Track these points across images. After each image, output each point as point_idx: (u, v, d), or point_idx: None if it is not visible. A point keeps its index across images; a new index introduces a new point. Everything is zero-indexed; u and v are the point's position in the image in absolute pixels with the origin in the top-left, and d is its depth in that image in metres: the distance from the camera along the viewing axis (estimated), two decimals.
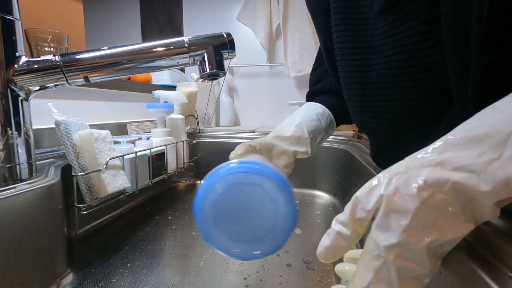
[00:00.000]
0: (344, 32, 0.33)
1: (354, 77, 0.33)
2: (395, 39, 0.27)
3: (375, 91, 0.31)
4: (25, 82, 0.37)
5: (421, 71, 0.26)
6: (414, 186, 0.16)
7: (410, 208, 0.16)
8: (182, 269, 0.42)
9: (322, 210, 0.67)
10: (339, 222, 0.21)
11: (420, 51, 0.25)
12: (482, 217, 0.16)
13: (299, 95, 1.20)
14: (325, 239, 0.21)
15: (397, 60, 0.27)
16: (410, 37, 0.26)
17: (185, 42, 0.40)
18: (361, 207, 0.19)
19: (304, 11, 1.06)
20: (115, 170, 0.49)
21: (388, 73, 0.29)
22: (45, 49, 0.56)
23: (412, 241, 0.16)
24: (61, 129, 0.43)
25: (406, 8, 0.26)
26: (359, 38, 0.32)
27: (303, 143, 0.39)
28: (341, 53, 0.34)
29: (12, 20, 0.36)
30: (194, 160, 0.85)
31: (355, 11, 0.32)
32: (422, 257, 0.16)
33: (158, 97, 0.73)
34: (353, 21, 0.32)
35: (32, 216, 0.36)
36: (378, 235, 0.17)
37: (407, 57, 0.26)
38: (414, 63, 0.26)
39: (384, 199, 0.17)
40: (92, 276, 0.40)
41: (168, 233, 0.54)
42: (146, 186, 0.59)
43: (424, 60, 0.25)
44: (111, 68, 0.40)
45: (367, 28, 0.31)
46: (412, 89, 0.27)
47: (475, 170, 0.15)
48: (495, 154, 0.14)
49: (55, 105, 0.44)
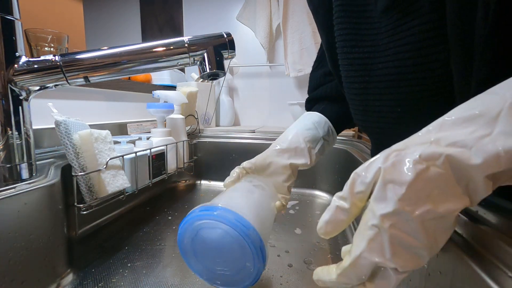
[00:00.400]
0: (347, 30, 0.33)
1: (357, 76, 0.33)
2: (399, 38, 0.27)
3: (377, 90, 0.31)
4: (25, 82, 0.37)
5: (424, 70, 0.26)
6: (410, 159, 0.17)
7: (406, 179, 0.17)
8: (182, 269, 0.42)
9: (322, 210, 0.66)
10: (339, 197, 0.22)
11: (424, 50, 0.25)
12: (476, 193, 0.16)
13: (299, 95, 1.20)
14: (325, 215, 0.22)
15: (401, 58, 0.27)
16: (414, 36, 0.26)
17: (185, 42, 0.40)
18: (360, 181, 0.20)
19: (304, 11, 1.06)
20: (115, 170, 0.49)
21: (391, 72, 0.29)
22: (45, 49, 0.56)
23: (407, 210, 0.17)
24: (61, 129, 0.43)
25: (410, 7, 0.26)
26: (362, 37, 0.31)
27: (300, 154, 0.39)
28: (343, 51, 0.34)
29: (12, 20, 0.36)
30: (194, 160, 0.85)
31: (358, 10, 0.31)
32: (416, 228, 0.17)
33: (158, 97, 0.73)
34: (356, 20, 0.32)
35: (32, 216, 0.36)
36: (375, 205, 0.18)
37: (411, 56, 0.26)
38: (418, 62, 0.26)
39: (381, 171, 0.18)
40: (92, 276, 0.40)
41: (168, 233, 0.54)
42: (146, 186, 0.59)
43: (428, 59, 0.25)
44: (111, 68, 0.40)
45: (371, 27, 0.31)
46: (416, 88, 0.27)
47: (467, 145, 0.16)
48: (486, 131, 0.15)
49: (55, 105, 0.44)
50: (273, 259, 0.45)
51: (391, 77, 0.29)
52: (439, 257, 0.22)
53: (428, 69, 0.26)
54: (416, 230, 0.17)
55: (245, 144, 0.87)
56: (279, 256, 0.46)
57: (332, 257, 0.46)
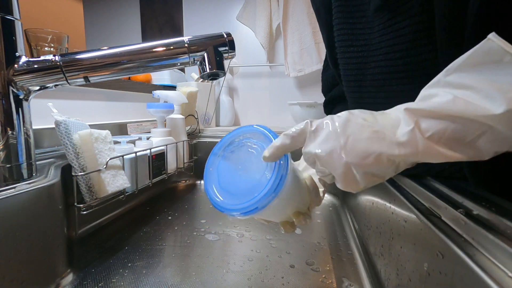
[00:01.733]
0: (344, 30, 0.33)
1: (352, 75, 0.34)
2: (390, 37, 0.28)
3: (371, 88, 0.32)
4: (25, 82, 0.37)
5: (415, 69, 0.26)
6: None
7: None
8: (182, 269, 0.42)
9: (322, 210, 0.67)
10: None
11: (414, 50, 0.26)
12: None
13: (299, 95, 1.20)
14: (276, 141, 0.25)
15: (392, 58, 0.28)
16: (405, 36, 0.26)
17: (185, 42, 0.40)
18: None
19: (304, 11, 1.06)
20: (115, 170, 0.49)
21: (383, 70, 0.29)
22: (45, 49, 0.56)
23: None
24: (61, 129, 0.43)
25: (401, 7, 0.26)
26: (358, 36, 0.32)
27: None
28: (341, 51, 0.35)
29: (12, 20, 0.36)
30: (194, 160, 0.85)
31: (354, 10, 0.32)
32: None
33: (158, 97, 0.73)
34: (352, 20, 0.32)
35: (32, 216, 0.36)
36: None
37: (402, 55, 0.27)
38: (408, 61, 0.27)
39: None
40: (92, 276, 0.40)
41: (168, 233, 0.54)
42: (146, 186, 0.59)
43: (418, 59, 0.26)
44: (111, 68, 0.40)
45: (365, 26, 0.31)
46: (407, 86, 0.27)
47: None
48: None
49: (55, 105, 0.44)
50: (274, 260, 0.45)
51: (383, 76, 0.30)
52: (439, 257, 0.22)
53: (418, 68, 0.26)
54: None
55: None
56: (280, 257, 0.46)
57: (333, 257, 0.46)
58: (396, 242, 0.32)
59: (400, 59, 0.27)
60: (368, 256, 0.43)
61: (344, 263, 0.45)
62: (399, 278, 0.30)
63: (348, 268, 0.43)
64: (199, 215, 0.64)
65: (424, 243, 0.25)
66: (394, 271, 0.32)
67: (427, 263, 0.24)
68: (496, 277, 0.16)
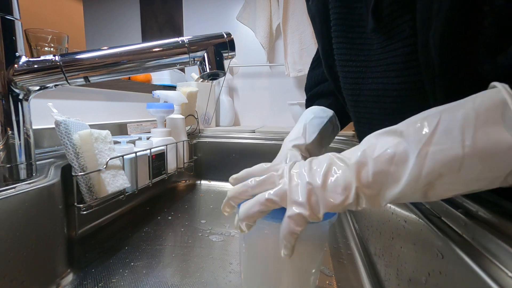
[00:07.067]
0: (343, 44, 0.34)
1: (350, 89, 0.35)
2: (386, 57, 0.29)
3: (367, 103, 0.33)
4: (25, 82, 0.37)
5: (409, 88, 0.27)
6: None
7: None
8: (182, 269, 0.42)
9: None
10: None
11: (407, 70, 0.27)
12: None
13: (299, 95, 1.20)
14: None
15: (388, 76, 0.29)
16: (399, 57, 0.27)
17: (185, 42, 0.40)
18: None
19: (304, 12, 1.06)
20: (115, 170, 0.49)
21: (379, 87, 0.30)
22: (45, 49, 0.56)
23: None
24: (61, 129, 0.43)
25: (394, 30, 0.27)
26: (357, 52, 0.33)
27: (300, 136, 0.42)
28: (340, 64, 0.35)
29: (12, 20, 0.36)
30: (194, 160, 0.85)
31: (354, 24, 0.32)
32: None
33: (158, 97, 0.73)
34: (351, 35, 0.33)
35: (32, 216, 0.36)
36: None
37: (397, 75, 0.28)
38: (402, 81, 0.28)
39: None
40: (92, 276, 0.40)
41: (169, 233, 0.54)
42: (146, 186, 0.59)
43: (411, 79, 0.27)
44: (111, 68, 0.40)
45: (365, 42, 0.32)
46: (401, 104, 0.28)
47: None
48: None
49: (55, 105, 0.44)
50: None
51: (378, 92, 0.31)
52: (439, 257, 0.22)
53: (412, 88, 0.27)
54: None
55: (245, 144, 0.87)
56: None
57: (333, 257, 0.46)
58: (396, 242, 0.33)
59: (395, 78, 0.28)
60: (368, 256, 0.43)
61: (344, 263, 0.45)
62: (399, 278, 0.30)
63: (348, 268, 0.43)
64: (199, 215, 0.64)
65: (424, 243, 0.25)
66: (394, 271, 0.32)
67: (427, 263, 0.24)
68: (497, 277, 0.16)
